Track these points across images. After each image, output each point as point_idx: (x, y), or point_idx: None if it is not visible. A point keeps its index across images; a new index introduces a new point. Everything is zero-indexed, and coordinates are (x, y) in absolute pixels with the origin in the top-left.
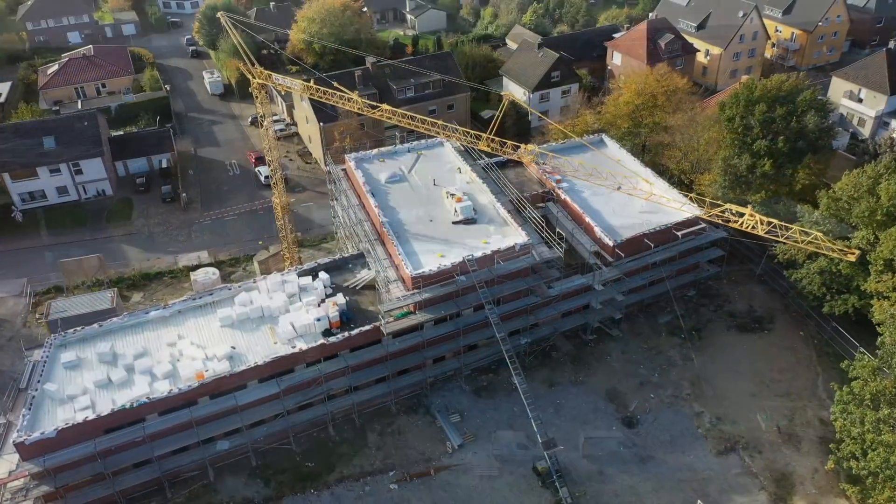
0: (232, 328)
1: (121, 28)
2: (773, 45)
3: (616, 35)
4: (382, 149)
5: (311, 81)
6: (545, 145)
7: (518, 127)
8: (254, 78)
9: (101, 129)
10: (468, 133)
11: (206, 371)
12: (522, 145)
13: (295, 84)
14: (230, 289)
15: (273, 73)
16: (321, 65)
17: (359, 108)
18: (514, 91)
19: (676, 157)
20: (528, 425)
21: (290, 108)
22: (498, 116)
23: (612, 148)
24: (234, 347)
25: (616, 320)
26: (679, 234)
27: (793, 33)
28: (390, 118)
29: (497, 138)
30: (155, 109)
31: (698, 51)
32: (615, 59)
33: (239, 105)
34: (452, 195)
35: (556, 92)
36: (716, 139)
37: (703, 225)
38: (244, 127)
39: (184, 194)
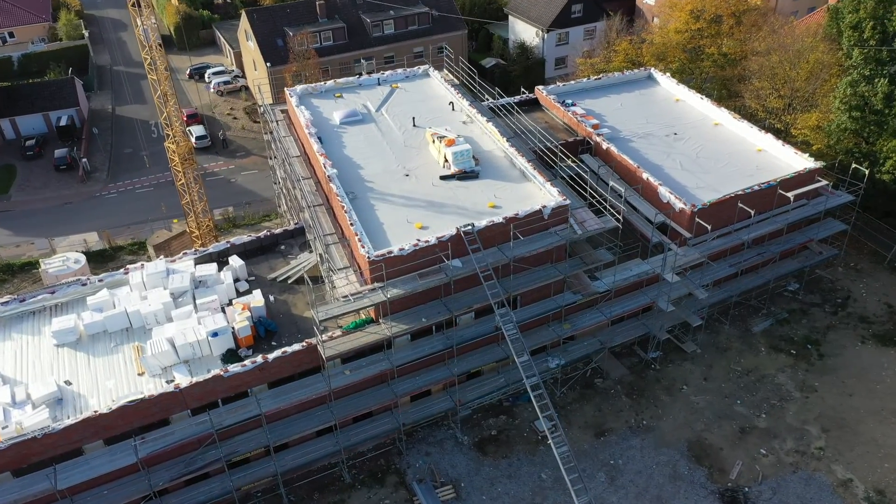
0: (75, 349)
1: None
2: None
3: None
4: (340, 80)
5: None
6: (572, 83)
7: (530, 76)
8: None
9: None
10: None
11: (6, 427)
12: None
13: None
14: (84, 283)
15: None
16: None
17: None
18: (525, 32)
19: (764, 92)
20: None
21: (238, 55)
22: None
23: (667, 85)
24: (68, 383)
25: (693, 328)
26: (790, 195)
27: None
28: None
29: None
30: (70, 60)
31: None
32: None
33: (179, 57)
34: (441, 137)
35: (578, 31)
36: (826, 63)
37: (825, 182)
38: (181, 81)
39: (84, 160)
